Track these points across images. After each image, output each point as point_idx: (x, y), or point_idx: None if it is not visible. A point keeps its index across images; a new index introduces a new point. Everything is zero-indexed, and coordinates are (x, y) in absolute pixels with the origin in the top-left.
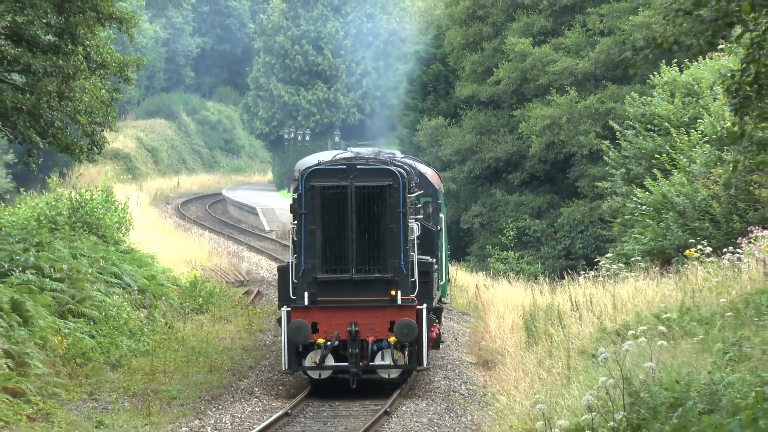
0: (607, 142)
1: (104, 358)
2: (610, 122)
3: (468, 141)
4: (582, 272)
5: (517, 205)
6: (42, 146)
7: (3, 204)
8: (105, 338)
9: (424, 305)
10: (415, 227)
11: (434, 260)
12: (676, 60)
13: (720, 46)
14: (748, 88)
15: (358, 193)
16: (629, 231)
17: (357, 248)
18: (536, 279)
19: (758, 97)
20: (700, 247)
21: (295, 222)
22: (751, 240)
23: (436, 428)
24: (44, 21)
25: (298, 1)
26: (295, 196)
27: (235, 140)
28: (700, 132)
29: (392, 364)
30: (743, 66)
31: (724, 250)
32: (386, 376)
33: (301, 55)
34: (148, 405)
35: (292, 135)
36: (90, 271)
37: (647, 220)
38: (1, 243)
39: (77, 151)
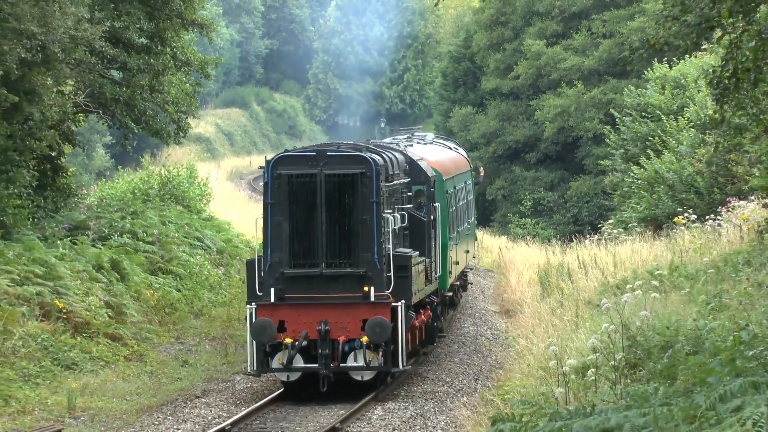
0: (608, 127)
1: (188, 308)
2: (611, 110)
3: (492, 126)
4: (588, 236)
5: (533, 180)
6: (136, 131)
7: (104, 179)
8: (189, 291)
9: (402, 302)
10: (392, 218)
11: (416, 253)
12: (666, 58)
13: (703, 46)
14: (727, 82)
15: (328, 182)
16: (627, 201)
17: (327, 241)
18: (549, 242)
19: (735, 89)
20: (686, 214)
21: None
22: (729, 209)
23: (466, 367)
24: (138, 26)
25: (350, 9)
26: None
27: (297, 126)
28: (686, 118)
29: (365, 365)
30: (723, 63)
31: (707, 217)
32: (359, 378)
33: (352, 54)
34: (225, 347)
35: (345, 121)
36: (176, 235)
37: (642, 192)
38: (103, 212)
39: (165, 135)
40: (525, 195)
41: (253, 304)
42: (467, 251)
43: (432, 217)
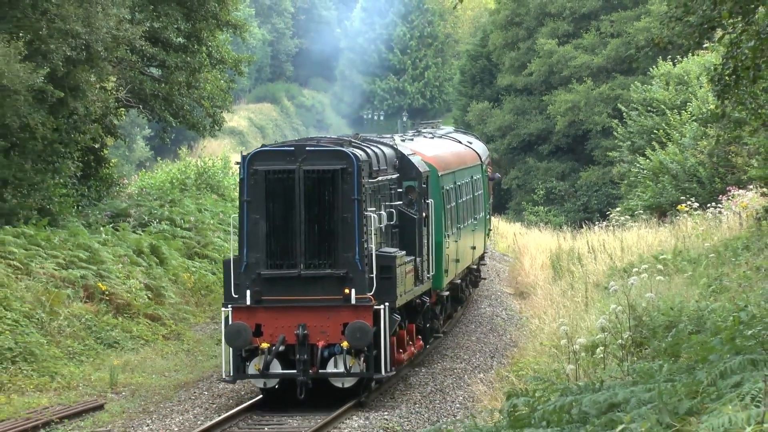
0: (616, 121)
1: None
2: (619, 105)
3: (507, 120)
4: (596, 222)
5: (546, 170)
6: (174, 124)
7: (144, 170)
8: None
9: (386, 304)
10: (375, 217)
11: (402, 252)
12: (670, 56)
13: (705, 45)
14: (728, 78)
15: (306, 178)
16: (633, 190)
17: (306, 241)
18: (561, 228)
19: (735, 86)
20: (689, 203)
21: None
22: (729, 197)
23: (482, 345)
24: (175, 27)
25: (374, 10)
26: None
27: (325, 120)
28: (689, 113)
29: (345, 372)
30: (724, 61)
31: (708, 205)
32: (339, 385)
33: (376, 53)
34: None
35: (370, 116)
36: (212, 222)
37: (647, 182)
38: (143, 200)
39: (201, 128)
40: (538, 184)
41: (228, 306)
42: (473, 247)
43: (424, 214)
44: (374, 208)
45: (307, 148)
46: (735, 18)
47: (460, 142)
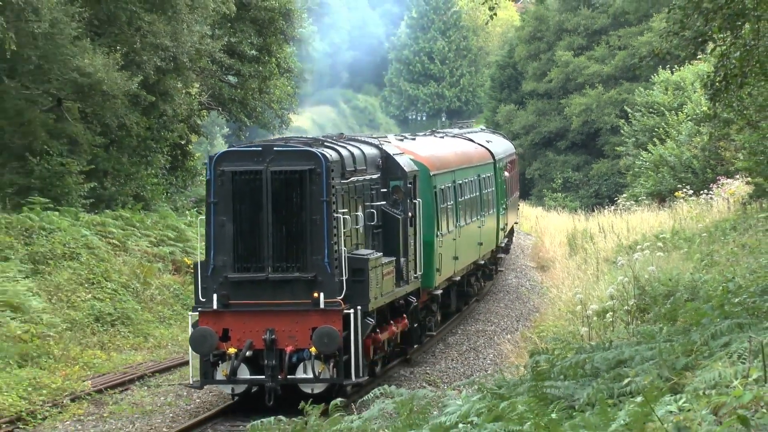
0: (622, 121)
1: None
2: (625, 107)
3: (530, 120)
4: (606, 207)
5: (563, 163)
6: (248, 124)
7: None
8: None
9: (358, 308)
10: (347, 218)
11: (379, 254)
12: (669, 65)
13: (698, 56)
14: (718, 84)
15: (274, 179)
16: (638, 179)
17: (273, 243)
18: (575, 211)
19: (725, 90)
20: (684, 190)
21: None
22: (719, 185)
23: (509, 310)
24: (249, 41)
25: (417, 27)
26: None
27: (376, 120)
28: (685, 113)
29: (314, 377)
30: (715, 69)
31: (701, 192)
32: (309, 391)
33: (419, 63)
34: None
35: (414, 116)
36: None
37: (649, 172)
38: None
39: (271, 127)
40: (556, 174)
41: (197, 310)
42: (480, 243)
43: (410, 214)
44: (347, 209)
45: (274, 149)
46: (724, 33)
47: (472, 141)
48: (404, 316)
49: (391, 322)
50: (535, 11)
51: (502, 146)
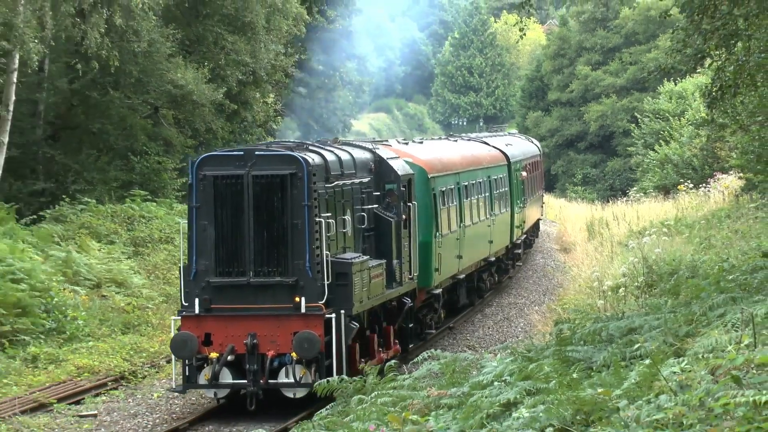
0: (633, 125)
1: None
2: (635, 113)
3: (554, 124)
4: (619, 198)
5: (582, 161)
6: (316, 128)
7: None
8: None
9: (341, 312)
10: (332, 222)
11: (365, 258)
12: (673, 78)
13: (698, 70)
14: (715, 93)
15: (255, 184)
16: (646, 175)
17: (255, 248)
18: (593, 202)
19: (721, 99)
20: (686, 184)
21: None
22: (715, 180)
23: (537, 286)
24: (317, 58)
25: (459, 45)
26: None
27: (424, 125)
28: (686, 119)
29: (295, 382)
30: (712, 81)
31: (700, 185)
32: (291, 395)
33: (461, 76)
34: None
35: (456, 122)
36: None
37: (656, 169)
38: None
39: (335, 131)
40: (577, 170)
41: (181, 314)
42: (491, 241)
43: (404, 216)
44: (330, 214)
45: (256, 153)
46: (720, 50)
47: (486, 144)
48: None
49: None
50: (559, 32)
51: (522, 149)
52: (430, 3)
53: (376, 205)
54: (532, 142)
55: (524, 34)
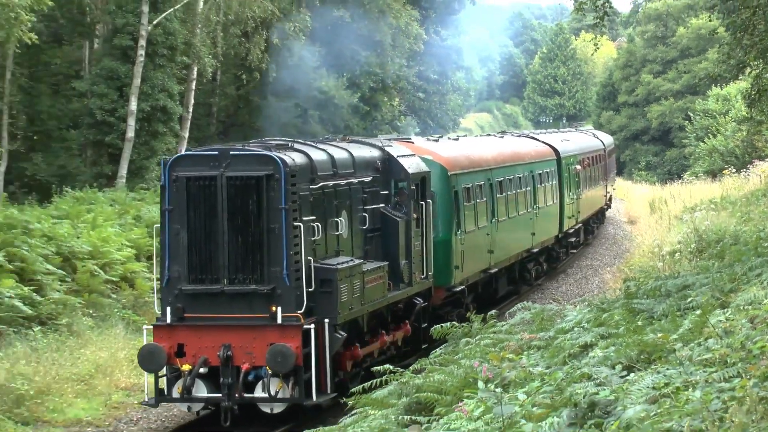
0: (687, 122)
1: None
2: (689, 112)
3: (624, 122)
4: (675, 181)
5: (645, 151)
6: (432, 125)
7: None
8: None
9: (325, 322)
10: (312, 227)
11: (356, 261)
12: (719, 84)
13: (740, 77)
14: (753, 96)
15: (229, 186)
16: (698, 162)
17: (229, 254)
18: (654, 184)
19: (758, 100)
20: (730, 169)
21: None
22: (754, 166)
23: (609, 251)
24: (432, 69)
25: (546, 58)
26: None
27: (518, 123)
28: (730, 117)
29: (270, 397)
30: (751, 86)
31: (741, 170)
32: (268, 411)
33: (548, 83)
34: None
35: (544, 120)
36: None
37: (706, 157)
38: None
39: (447, 128)
40: (641, 158)
41: (151, 324)
42: (533, 233)
43: (415, 215)
44: (314, 217)
45: (231, 153)
46: (758, 61)
47: (536, 140)
48: (406, 321)
49: (385, 329)
50: (627, 47)
51: (580, 144)
52: (523, 24)
53: (383, 205)
54: (598, 137)
55: (598, 48)
